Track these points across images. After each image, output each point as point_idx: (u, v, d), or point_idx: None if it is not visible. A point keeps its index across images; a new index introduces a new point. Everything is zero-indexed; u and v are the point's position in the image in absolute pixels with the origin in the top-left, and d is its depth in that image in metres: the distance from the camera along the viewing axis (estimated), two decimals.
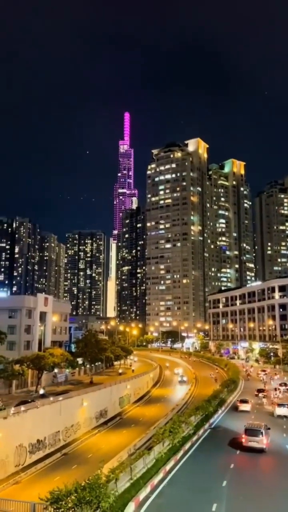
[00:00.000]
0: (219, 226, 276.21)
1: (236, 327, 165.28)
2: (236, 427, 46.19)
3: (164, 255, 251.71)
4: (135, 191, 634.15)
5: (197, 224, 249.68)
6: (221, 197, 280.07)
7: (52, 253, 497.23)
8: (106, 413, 62.88)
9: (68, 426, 51.37)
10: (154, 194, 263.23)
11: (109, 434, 54.42)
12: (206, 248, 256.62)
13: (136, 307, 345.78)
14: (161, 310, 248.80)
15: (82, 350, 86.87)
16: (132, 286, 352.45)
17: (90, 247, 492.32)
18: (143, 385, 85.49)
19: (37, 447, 44.58)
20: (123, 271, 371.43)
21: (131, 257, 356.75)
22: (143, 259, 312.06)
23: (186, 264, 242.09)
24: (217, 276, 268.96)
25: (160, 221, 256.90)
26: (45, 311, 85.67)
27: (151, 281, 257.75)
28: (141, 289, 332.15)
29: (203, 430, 45.00)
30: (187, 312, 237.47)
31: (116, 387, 68.31)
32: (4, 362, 59.40)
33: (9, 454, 39.89)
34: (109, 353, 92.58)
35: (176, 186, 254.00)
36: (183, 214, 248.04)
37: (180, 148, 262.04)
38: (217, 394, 60.00)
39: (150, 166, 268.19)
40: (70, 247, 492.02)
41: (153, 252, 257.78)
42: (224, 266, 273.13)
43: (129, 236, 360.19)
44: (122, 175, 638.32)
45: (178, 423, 38.92)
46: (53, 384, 74.35)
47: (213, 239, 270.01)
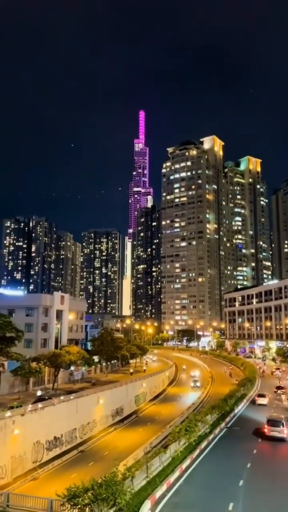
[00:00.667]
0: (235, 224, 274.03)
1: (252, 325, 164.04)
2: (254, 424, 45.96)
3: (179, 253, 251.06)
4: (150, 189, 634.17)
5: (212, 222, 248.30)
6: (237, 195, 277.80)
7: (68, 251, 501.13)
8: (122, 411, 63.10)
9: (85, 423, 51.73)
10: (169, 192, 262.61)
11: (125, 432, 54.62)
12: (222, 246, 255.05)
13: (151, 305, 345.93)
14: (176, 308, 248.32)
15: (98, 348, 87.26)
16: (148, 285, 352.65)
17: (106, 245, 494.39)
18: (159, 384, 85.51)
19: (54, 444, 45.04)
20: (139, 270, 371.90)
21: (146, 255, 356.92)
22: (158, 258, 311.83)
23: (202, 262, 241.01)
24: (233, 274, 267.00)
25: (176, 219, 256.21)
26: (62, 309, 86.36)
27: (166, 279, 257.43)
28: (157, 288, 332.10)
29: (219, 429, 44.82)
30: (203, 310, 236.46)
31: (132, 385, 68.45)
32: (22, 359, 60.13)
33: (26, 451, 40.42)
34: (124, 351, 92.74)
35: (192, 184, 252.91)
36: (199, 212, 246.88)
37: (195, 145, 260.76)
38: (233, 393, 59.68)
39: (165, 164, 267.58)
40: (86, 246, 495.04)
41: (168, 250, 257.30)
42: (240, 265, 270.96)
43: (144, 235, 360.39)
44: (137, 174, 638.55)
45: (194, 422, 38.85)
46: (70, 382, 74.94)
47: (229, 237, 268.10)
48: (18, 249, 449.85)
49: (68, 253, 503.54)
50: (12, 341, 57.67)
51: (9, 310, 76.05)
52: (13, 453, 38.49)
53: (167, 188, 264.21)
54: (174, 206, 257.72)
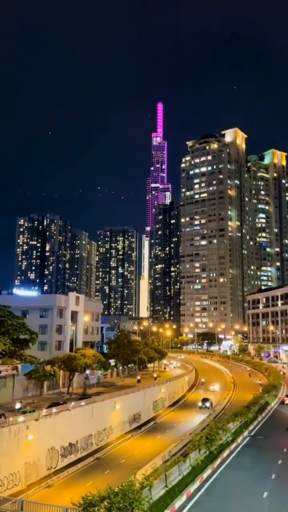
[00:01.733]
0: (259, 221, 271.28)
1: (277, 329, 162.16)
2: (280, 432, 45.42)
3: (199, 252, 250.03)
4: (168, 185, 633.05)
5: (234, 220, 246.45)
6: (261, 190, 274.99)
7: (83, 251, 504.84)
8: (140, 418, 63.18)
9: (101, 430, 51.99)
10: (188, 188, 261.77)
11: (142, 439, 54.68)
12: (244, 245, 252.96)
13: (170, 307, 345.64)
14: (196, 310, 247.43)
15: (114, 351, 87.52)
16: (166, 285, 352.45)
17: (122, 244, 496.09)
18: (178, 389, 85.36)
19: (69, 450, 45.41)
20: (156, 270, 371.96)
21: (164, 254, 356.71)
22: (177, 257, 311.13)
23: (223, 262, 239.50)
24: (257, 274, 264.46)
25: (195, 217, 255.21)
26: (77, 310, 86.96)
27: (185, 280, 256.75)
28: (175, 289, 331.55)
29: (242, 437, 44.49)
30: (224, 313, 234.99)
31: (149, 390, 68.51)
32: (36, 362, 60.84)
33: (41, 457, 40.88)
34: (142, 354, 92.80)
35: (212, 179, 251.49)
36: (220, 209, 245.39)
37: (216, 139, 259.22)
38: (257, 400, 59.19)
39: (185, 158, 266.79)
40: (102, 245, 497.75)
41: (188, 249, 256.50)
42: (264, 264, 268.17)
43: (162, 233, 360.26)
44: (155, 169, 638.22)
45: (216, 430, 38.69)
46: (85, 386, 75.38)
47: (252, 235, 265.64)
48: (31, 248, 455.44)
49: (83, 252, 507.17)
50: (26, 344, 58.39)
51: (22, 311, 76.89)
52: (27, 459, 38.98)
53: (187, 184, 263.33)
54: (194, 203, 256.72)
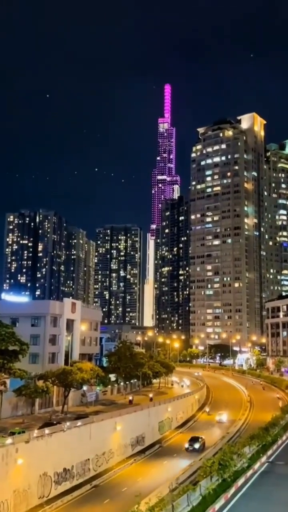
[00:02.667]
0: (279, 218, 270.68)
1: None
2: None
3: (211, 253, 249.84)
4: (177, 177, 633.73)
5: (252, 217, 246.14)
6: (282, 184, 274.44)
7: (80, 251, 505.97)
8: (144, 440, 63.19)
9: (99, 453, 52.03)
10: (200, 180, 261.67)
11: (146, 465, 54.67)
12: (263, 245, 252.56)
13: (178, 315, 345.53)
14: (208, 319, 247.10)
15: (115, 364, 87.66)
16: (174, 291, 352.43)
17: (124, 244, 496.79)
18: (187, 408, 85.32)
19: (64, 476, 45.46)
20: (163, 273, 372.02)
21: (172, 256, 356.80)
22: (187, 259, 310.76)
23: (239, 264, 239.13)
24: (277, 279, 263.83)
25: (207, 213, 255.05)
26: (73, 318, 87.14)
27: (196, 284, 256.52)
28: (184, 294, 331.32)
29: (260, 463, 44.35)
30: (240, 322, 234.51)
31: (155, 410, 68.52)
32: (26, 377, 60.93)
33: (31, 484, 40.93)
34: (146, 369, 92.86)
35: (227, 170, 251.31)
36: (235, 204, 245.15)
37: (231, 125, 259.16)
38: (276, 421, 59.01)
39: (195, 147, 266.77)
40: (101, 245, 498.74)
41: (199, 250, 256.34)
42: (285, 267, 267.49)
43: (169, 231, 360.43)
44: (162, 159, 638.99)
45: (230, 455, 38.58)
46: (82, 404, 75.50)
47: (271, 234, 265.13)
48: (22, 248, 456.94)
49: (81, 253, 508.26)
50: (16, 356, 58.49)
51: (12, 319, 77.23)
52: (16, 486, 39.03)
53: (198, 176, 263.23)
54: (206, 197, 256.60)
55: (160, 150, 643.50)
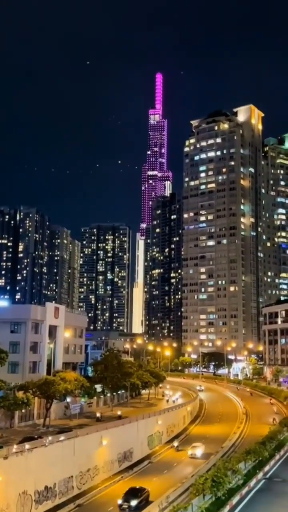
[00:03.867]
0: (278, 218, 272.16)
1: None
2: None
3: (205, 255, 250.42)
4: (168, 173, 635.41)
5: (248, 216, 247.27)
6: (280, 181, 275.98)
7: (64, 252, 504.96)
8: (132, 456, 63.15)
9: (84, 470, 51.90)
10: (193, 177, 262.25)
11: (135, 482, 54.54)
12: (260, 247, 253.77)
13: (169, 321, 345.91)
14: (201, 325, 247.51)
15: (101, 374, 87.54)
16: (165, 295, 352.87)
17: (112, 244, 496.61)
18: (179, 421, 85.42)
19: (45, 495, 45.25)
20: (153, 275, 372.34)
21: (163, 257, 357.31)
22: (179, 260, 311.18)
23: (234, 266, 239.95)
24: (275, 282, 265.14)
25: (201, 212, 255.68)
26: (56, 324, 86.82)
27: (188, 288, 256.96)
28: (176, 299, 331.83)
29: (256, 480, 44.53)
30: (235, 328, 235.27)
31: (144, 423, 68.49)
32: (5, 388, 60.64)
33: (10, 503, 40.67)
34: (135, 379, 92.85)
35: (222, 166, 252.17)
36: (231, 202, 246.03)
37: (227, 117, 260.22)
38: (274, 435, 59.34)
39: (189, 141, 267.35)
40: (87, 245, 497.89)
41: (192, 251, 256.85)
42: (284, 270, 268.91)
43: (160, 231, 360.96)
44: (153, 153, 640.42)
45: (224, 471, 38.73)
46: (65, 417, 75.27)
47: (269, 235, 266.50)
48: (1, 248, 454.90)
49: (65, 254, 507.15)
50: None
51: None
52: None
53: (191, 172, 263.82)
54: (200, 195, 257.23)
55: (150, 144, 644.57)
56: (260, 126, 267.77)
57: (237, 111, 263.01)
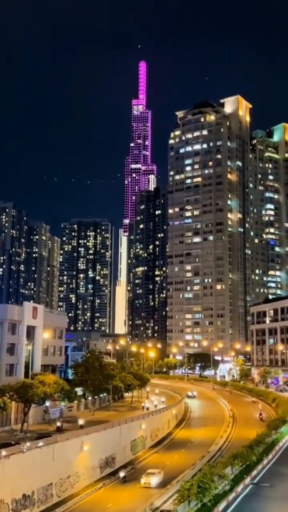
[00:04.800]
0: (266, 213, 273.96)
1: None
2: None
3: (191, 252, 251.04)
4: (153, 166, 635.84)
5: (236, 211, 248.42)
6: (269, 175, 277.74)
7: (43, 248, 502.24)
8: (114, 461, 63.17)
9: (64, 477, 51.76)
10: (178, 170, 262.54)
11: (117, 489, 54.65)
12: (247, 243, 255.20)
13: (153, 321, 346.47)
14: (187, 325, 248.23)
15: (82, 377, 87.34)
16: (149, 293, 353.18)
17: (93, 241, 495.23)
18: (163, 425, 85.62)
19: (23, 504, 45.03)
20: (137, 273, 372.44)
21: (147, 254, 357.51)
22: (164, 257, 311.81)
23: (221, 264, 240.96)
24: (263, 280, 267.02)
25: (187, 207, 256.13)
26: (34, 325, 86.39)
27: (173, 286, 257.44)
28: (161, 297, 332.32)
29: (243, 485, 44.81)
30: (222, 328, 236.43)
31: (126, 427, 68.51)
32: None
33: None
34: (117, 381, 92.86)
35: (208, 159, 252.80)
36: (217, 197, 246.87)
37: (213, 108, 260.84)
38: (262, 439, 59.78)
39: (174, 133, 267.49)
40: (67, 241, 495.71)
41: (177, 248, 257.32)
42: (272, 267, 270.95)
43: (144, 227, 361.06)
44: (136, 146, 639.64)
45: (210, 476, 38.89)
46: (44, 422, 75.00)
47: (257, 231, 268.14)
48: None
49: (43, 251, 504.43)
50: None
51: None
52: None
53: (176, 165, 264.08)
54: (185, 189, 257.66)
55: (134, 136, 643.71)
56: (247, 118, 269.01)
57: (224, 102, 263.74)
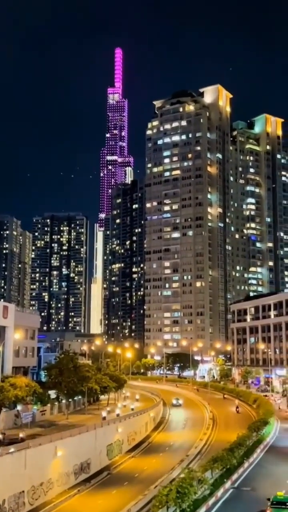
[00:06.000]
0: (247, 208, 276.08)
1: (269, 347, 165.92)
2: (273, 482, 46.50)
3: (169, 248, 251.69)
4: (129, 158, 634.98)
5: (216, 205, 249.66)
6: (250, 168, 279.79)
7: (14, 244, 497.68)
8: (89, 467, 63.10)
9: (37, 484, 51.52)
10: (156, 162, 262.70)
11: (92, 496, 54.64)
12: (228, 239, 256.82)
13: (130, 320, 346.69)
14: (165, 324, 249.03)
15: (55, 379, 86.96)
16: (126, 291, 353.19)
17: (67, 236, 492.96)
18: (140, 428, 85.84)
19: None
20: (113, 270, 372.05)
21: (124, 250, 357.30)
22: (141, 254, 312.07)
23: (201, 260, 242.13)
24: (244, 277, 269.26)
25: (165, 201, 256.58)
26: (4, 325, 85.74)
27: (151, 283, 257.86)
28: (138, 295, 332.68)
29: (223, 490, 45.19)
30: (202, 327, 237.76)
31: (102, 431, 68.48)
32: None
33: None
34: (93, 383, 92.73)
35: (187, 151, 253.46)
36: (197, 190, 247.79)
37: (193, 98, 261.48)
38: (242, 441, 60.35)
39: (151, 123, 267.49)
40: (39, 237, 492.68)
41: (155, 243, 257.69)
42: (253, 264, 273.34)
43: (121, 222, 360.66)
44: (112, 136, 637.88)
45: (189, 481, 39.10)
46: (16, 427, 74.51)
47: (238, 226, 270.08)
48: None
49: (14, 247, 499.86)
50: None
51: None
52: None
53: (154, 157, 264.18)
54: (163, 182, 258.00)
55: (110, 126, 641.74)
56: (228, 109, 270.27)
57: (204, 91, 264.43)
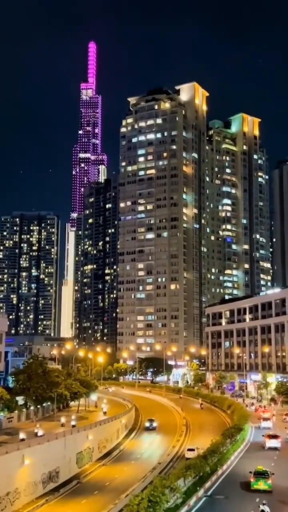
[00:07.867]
0: (223, 209, 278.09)
1: (244, 352, 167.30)
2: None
3: (143, 249, 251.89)
4: (103, 156, 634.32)
5: (191, 206, 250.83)
6: (226, 168, 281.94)
7: None
8: (58, 475, 62.75)
9: (3, 494, 51.06)
10: (130, 161, 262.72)
11: (61, 505, 54.35)
12: (204, 240, 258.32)
13: (102, 323, 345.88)
14: (138, 327, 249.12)
15: (23, 385, 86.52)
16: (98, 294, 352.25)
17: (38, 236, 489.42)
18: (112, 435, 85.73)
19: None
20: (85, 272, 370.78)
21: (96, 251, 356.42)
22: (114, 255, 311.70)
23: (175, 262, 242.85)
24: (219, 280, 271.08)
25: (139, 201, 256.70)
26: None
27: (124, 286, 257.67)
28: (111, 298, 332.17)
29: (196, 498, 45.38)
30: (176, 331, 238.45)
31: (72, 438, 68.21)
32: None
33: None
34: (63, 389, 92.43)
35: (162, 150, 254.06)
36: (172, 191, 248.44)
37: (168, 96, 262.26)
38: (216, 448, 60.73)
39: (126, 121, 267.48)
40: (8, 236, 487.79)
41: (128, 244, 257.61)
42: (228, 266, 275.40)
43: (94, 221, 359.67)
44: (85, 133, 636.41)
45: (161, 489, 39.15)
46: None
47: (213, 228, 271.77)
48: None
49: None
50: None
51: None
52: None
53: (128, 155, 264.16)
54: (138, 182, 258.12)
55: (82, 122, 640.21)
56: (204, 107, 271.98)
57: (180, 89, 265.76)
